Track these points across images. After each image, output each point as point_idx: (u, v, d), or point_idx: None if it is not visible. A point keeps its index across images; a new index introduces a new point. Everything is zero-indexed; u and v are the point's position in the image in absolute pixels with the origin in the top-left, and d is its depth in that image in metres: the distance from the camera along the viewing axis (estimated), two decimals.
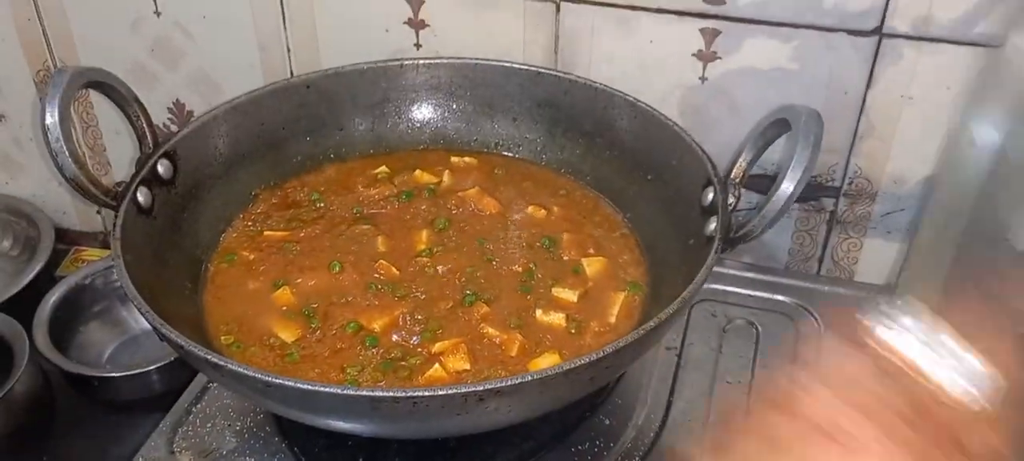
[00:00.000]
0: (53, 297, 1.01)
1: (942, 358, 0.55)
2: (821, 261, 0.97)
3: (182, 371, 0.90)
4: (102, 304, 1.05)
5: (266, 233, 0.85)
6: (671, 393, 0.84)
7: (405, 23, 0.95)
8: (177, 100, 1.08)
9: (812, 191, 0.93)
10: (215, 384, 0.83)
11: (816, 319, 0.91)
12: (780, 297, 0.93)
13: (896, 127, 0.87)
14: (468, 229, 0.86)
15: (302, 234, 0.85)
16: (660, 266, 0.81)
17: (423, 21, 0.95)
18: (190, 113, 1.08)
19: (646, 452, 0.78)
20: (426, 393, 0.59)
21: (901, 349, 0.56)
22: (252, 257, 0.83)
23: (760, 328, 0.90)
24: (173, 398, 0.84)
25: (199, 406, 0.83)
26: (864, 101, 0.86)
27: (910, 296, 0.58)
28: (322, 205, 0.88)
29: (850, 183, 0.91)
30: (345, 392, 0.63)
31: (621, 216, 0.87)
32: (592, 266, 0.82)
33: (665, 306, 0.66)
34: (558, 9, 0.90)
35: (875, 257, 0.95)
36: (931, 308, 0.57)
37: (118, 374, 0.95)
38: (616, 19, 0.89)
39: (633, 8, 0.88)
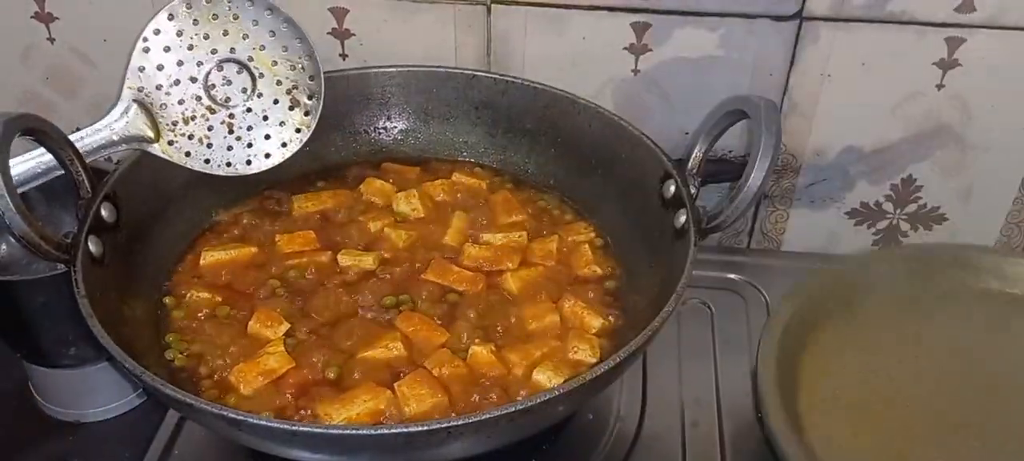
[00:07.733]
0: None
1: None
2: (751, 234, 1.02)
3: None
4: None
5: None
6: (644, 381, 0.86)
7: (329, 34, 0.93)
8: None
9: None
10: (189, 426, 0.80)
11: (761, 292, 0.95)
12: (729, 275, 0.97)
13: (817, 104, 0.92)
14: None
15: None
16: (628, 259, 0.82)
17: (348, 30, 0.92)
18: None
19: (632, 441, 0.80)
20: (419, 428, 0.59)
21: None
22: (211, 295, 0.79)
23: (713, 307, 0.94)
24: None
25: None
26: (788, 81, 0.91)
27: None
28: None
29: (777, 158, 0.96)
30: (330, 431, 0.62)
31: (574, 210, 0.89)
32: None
33: (640, 296, 0.68)
34: (489, 11, 0.90)
35: (801, 226, 1.00)
36: None
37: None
38: (548, 18, 0.89)
39: (566, 6, 0.88)
